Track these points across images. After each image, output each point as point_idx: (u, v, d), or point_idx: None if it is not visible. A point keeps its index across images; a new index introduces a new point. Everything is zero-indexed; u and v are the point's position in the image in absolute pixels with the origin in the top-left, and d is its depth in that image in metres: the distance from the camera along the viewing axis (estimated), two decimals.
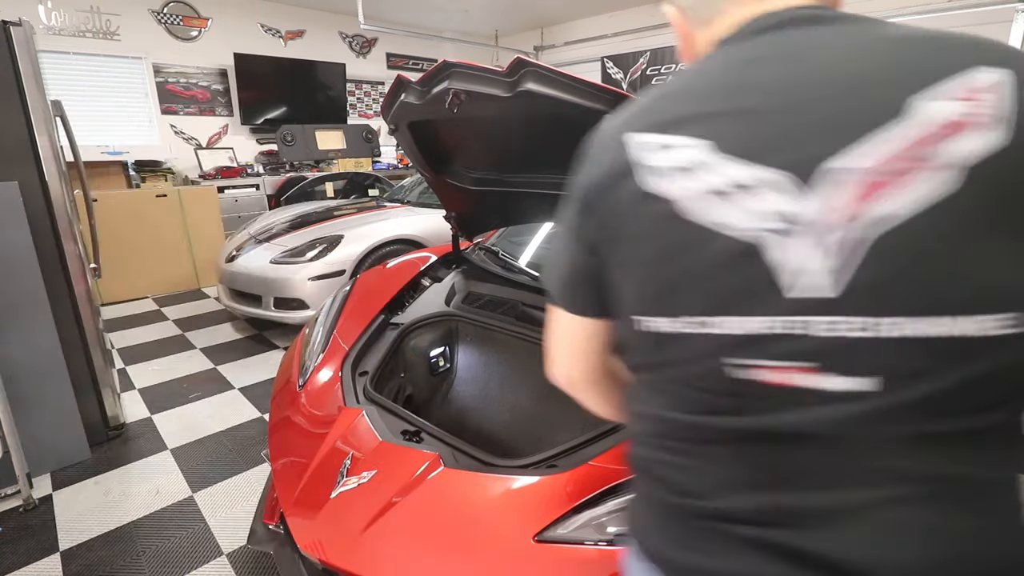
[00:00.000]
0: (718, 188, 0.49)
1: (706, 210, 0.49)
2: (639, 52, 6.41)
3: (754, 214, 0.47)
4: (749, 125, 0.49)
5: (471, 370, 1.87)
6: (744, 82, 0.51)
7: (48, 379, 2.21)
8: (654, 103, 0.57)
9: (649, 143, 0.53)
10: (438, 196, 2.07)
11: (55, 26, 4.84)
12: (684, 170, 0.50)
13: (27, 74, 2.08)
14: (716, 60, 0.56)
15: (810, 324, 0.46)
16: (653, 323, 0.55)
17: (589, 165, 0.60)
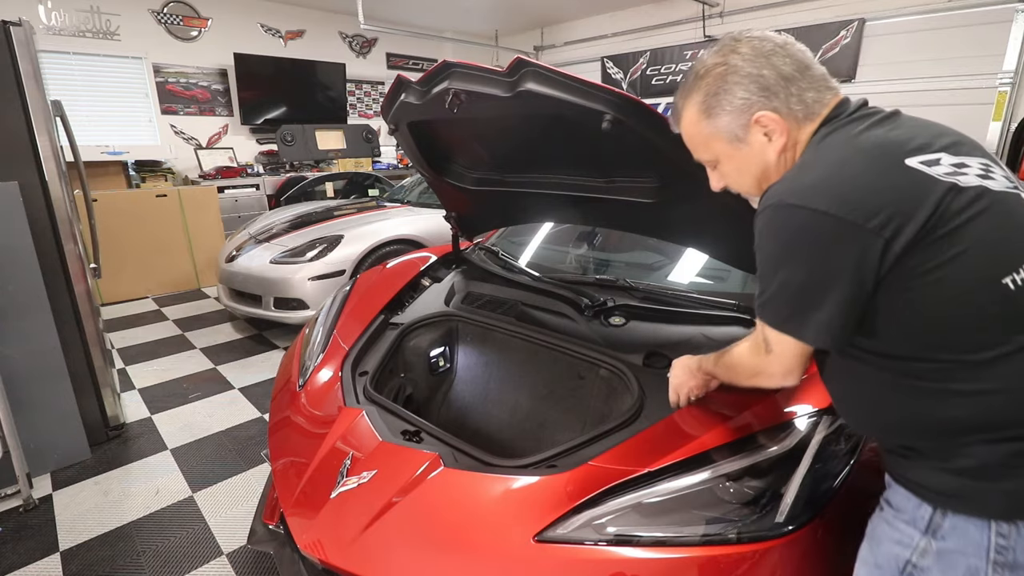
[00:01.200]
0: (981, 173, 0.74)
1: (991, 184, 0.74)
2: (639, 52, 6.41)
3: (1005, 181, 0.75)
4: (950, 140, 0.79)
5: (471, 370, 1.87)
6: (901, 126, 0.79)
7: (48, 379, 2.21)
8: (885, 145, 0.76)
9: (927, 161, 0.73)
10: (438, 196, 2.07)
11: (55, 26, 4.84)
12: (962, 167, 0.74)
13: (27, 74, 2.08)
14: (864, 130, 0.78)
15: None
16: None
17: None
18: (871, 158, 0.73)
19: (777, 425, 1.11)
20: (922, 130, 0.78)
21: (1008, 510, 0.71)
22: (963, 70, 4.28)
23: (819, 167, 0.76)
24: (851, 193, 0.71)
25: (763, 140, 0.83)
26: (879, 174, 0.72)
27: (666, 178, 1.37)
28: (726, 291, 1.79)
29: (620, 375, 1.42)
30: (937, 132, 0.79)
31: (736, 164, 0.88)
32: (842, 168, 0.74)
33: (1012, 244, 0.72)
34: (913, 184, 0.70)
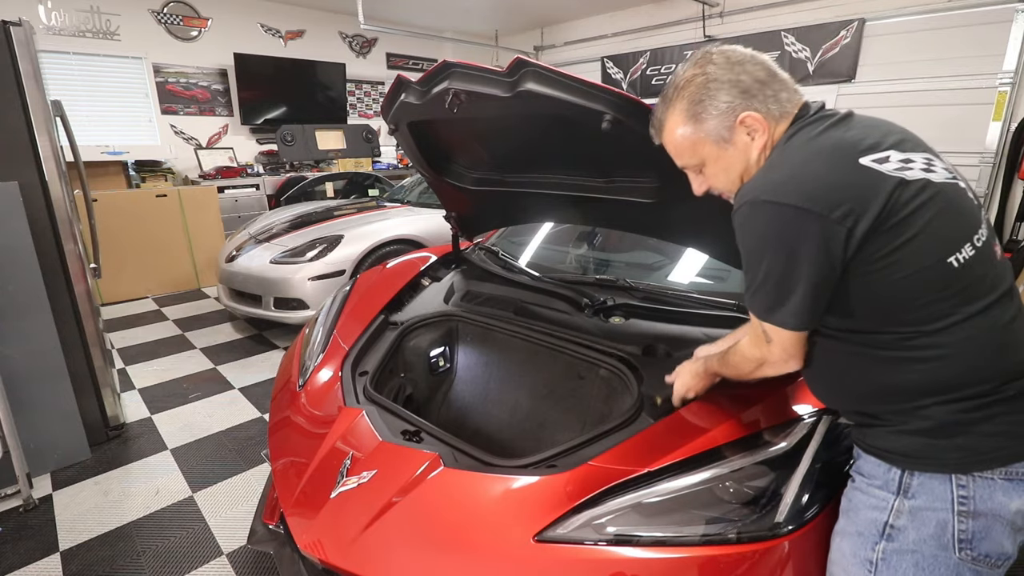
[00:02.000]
0: (918, 165, 0.83)
1: (931, 176, 0.83)
2: (639, 52, 6.41)
3: (941, 172, 0.84)
4: (898, 138, 0.88)
5: (471, 370, 1.87)
6: (868, 127, 0.89)
7: (48, 379, 2.21)
8: (840, 143, 0.85)
9: (879, 159, 0.82)
10: (438, 196, 2.07)
11: (55, 26, 4.84)
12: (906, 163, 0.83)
13: (27, 74, 2.08)
14: (831, 124, 0.88)
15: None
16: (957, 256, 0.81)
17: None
18: (830, 158, 0.83)
19: (777, 425, 1.11)
20: (873, 130, 0.87)
21: (963, 463, 0.80)
22: (963, 70, 4.28)
23: (785, 167, 0.85)
24: (815, 190, 0.80)
25: (747, 139, 0.91)
26: (838, 172, 0.81)
27: (666, 178, 1.37)
28: (726, 291, 1.79)
29: (620, 375, 1.42)
30: (886, 131, 0.88)
31: (723, 164, 0.95)
32: (805, 167, 0.83)
33: (953, 228, 0.81)
34: (867, 180, 0.79)
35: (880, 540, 0.86)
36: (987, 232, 0.86)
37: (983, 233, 0.84)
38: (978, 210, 0.87)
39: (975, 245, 0.82)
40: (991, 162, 4.22)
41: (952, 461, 0.81)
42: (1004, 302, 0.82)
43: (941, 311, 0.80)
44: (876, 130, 0.87)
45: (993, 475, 0.80)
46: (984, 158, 4.24)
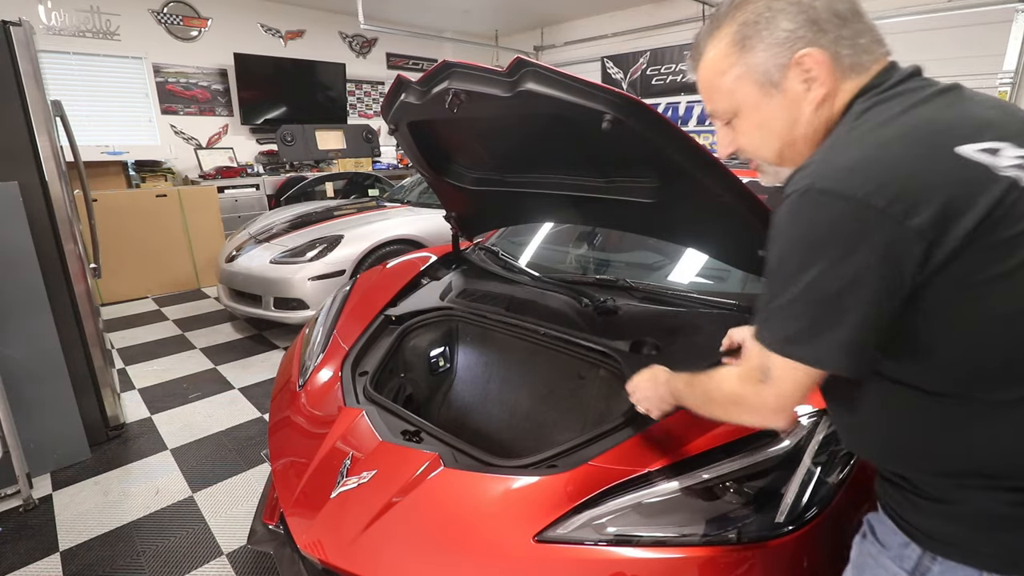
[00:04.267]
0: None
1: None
2: (639, 52, 6.41)
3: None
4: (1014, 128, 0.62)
5: (471, 370, 1.87)
6: (974, 108, 0.64)
7: (48, 379, 2.21)
8: (938, 125, 0.62)
9: (983, 149, 0.59)
10: (438, 196, 2.07)
11: (55, 26, 4.84)
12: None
13: (27, 74, 2.08)
14: (914, 105, 0.64)
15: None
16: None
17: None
18: (918, 142, 0.60)
19: None
20: (985, 111, 0.64)
21: (1003, 563, 0.64)
22: (963, 70, 4.28)
23: (854, 147, 0.62)
24: (892, 182, 0.58)
25: (800, 88, 0.69)
26: (925, 161, 0.59)
27: (666, 178, 1.37)
28: (726, 291, 1.79)
29: (620, 375, 1.42)
30: (1006, 114, 0.64)
31: (760, 118, 0.73)
32: (882, 151, 0.60)
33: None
34: (965, 175, 0.57)
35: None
36: None
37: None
38: None
39: None
40: None
41: (990, 557, 0.64)
42: None
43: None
44: (990, 112, 0.63)
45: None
46: None
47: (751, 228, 1.29)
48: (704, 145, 1.17)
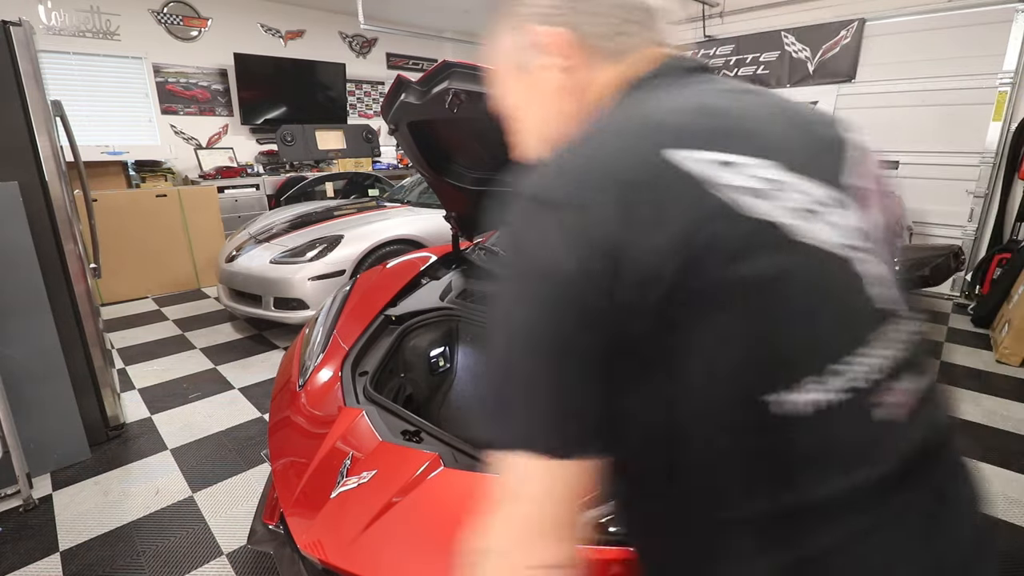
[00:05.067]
0: (803, 205, 0.44)
1: (808, 229, 0.43)
2: None
3: (838, 227, 0.45)
4: (785, 144, 0.46)
5: (471, 370, 1.87)
6: (743, 110, 0.48)
7: (48, 379, 2.21)
8: (654, 123, 0.46)
9: (718, 161, 0.43)
10: (438, 196, 2.07)
11: (55, 26, 4.84)
12: (772, 188, 0.43)
13: (27, 74, 2.08)
14: (683, 89, 0.51)
15: (897, 338, 0.46)
16: (797, 396, 0.41)
17: (616, 223, 0.40)
18: (627, 139, 0.45)
19: None
20: (735, 104, 0.49)
21: None
22: (963, 70, 4.28)
23: (584, 145, 0.47)
24: (583, 192, 0.42)
25: (548, 75, 0.56)
26: (629, 167, 0.42)
27: None
28: None
29: None
30: (764, 113, 0.49)
31: (523, 112, 0.61)
32: (598, 147, 0.45)
33: (798, 340, 0.42)
34: (674, 191, 0.41)
35: None
36: (905, 364, 0.46)
37: (885, 362, 0.45)
38: (885, 319, 0.46)
39: (848, 386, 0.43)
40: (991, 162, 4.22)
41: None
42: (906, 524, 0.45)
43: (738, 492, 0.44)
44: (741, 110, 0.48)
45: None
46: (984, 158, 4.24)
47: None
48: None
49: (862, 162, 0.50)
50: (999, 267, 4.04)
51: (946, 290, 4.61)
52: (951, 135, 4.38)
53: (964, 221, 4.47)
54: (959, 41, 4.28)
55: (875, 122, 4.75)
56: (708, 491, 0.44)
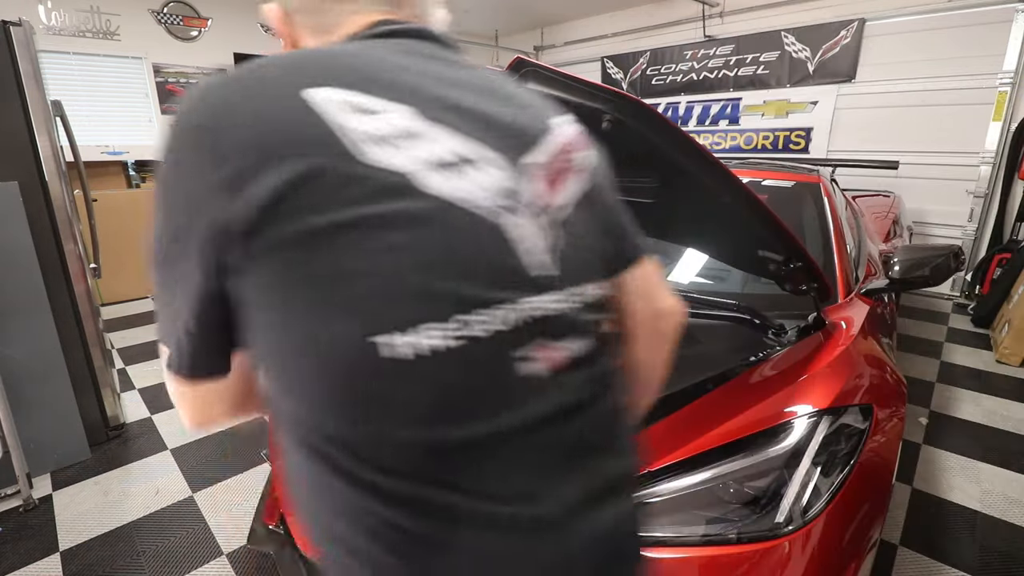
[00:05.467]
0: (444, 159, 0.46)
1: (444, 184, 0.45)
2: (639, 52, 6.41)
3: (488, 190, 0.47)
4: (448, 100, 0.49)
5: None
6: (423, 68, 0.51)
7: (48, 379, 2.21)
8: (305, 63, 0.48)
9: (348, 102, 0.44)
10: None
11: (55, 26, 4.84)
12: (405, 137, 0.45)
13: (27, 74, 2.08)
14: (370, 45, 0.53)
15: (550, 300, 0.49)
16: (411, 339, 0.42)
17: (223, 149, 0.42)
18: (268, 82, 0.46)
19: (777, 425, 1.11)
20: (414, 66, 0.50)
21: None
22: (963, 70, 4.28)
23: (232, 79, 0.49)
24: (218, 117, 0.45)
25: (278, 41, 0.62)
26: (261, 101, 0.45)
27: (666, 178, 1.37)
28: (726, 291, 1.79)
29: None
30: (430, 75, 0.50)
31: None
32: (239, 85, 0.47)
33: (416, 286, 0.43)
34: (295, 123, 0.43)
35: None
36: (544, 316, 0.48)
37: (527, 320, 0.47)
38: (534, 278, 0.48)
39: (475, 335, 0.44)
40: (991, 162, 4.22)
41: None
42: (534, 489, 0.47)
43: (358, 433, 0.44)
44: (408, 68, 0.50)
45: None
46: (984, 158, 4.24)
47: (750, 228, 1.29)
48: (704, 145, 1.17)
49: (560, 146, 0.54)
50: (999, 267, 4.04)
51: (946, 290, 4.62)
52: (951, 135, 4.38)
53: (964, 221, 4.47)
54: (959, 41, 4.28)
55: (875, 122, 4.75)
56: (323, 422, 0.45)
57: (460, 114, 0.49)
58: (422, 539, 0.44)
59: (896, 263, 1.68)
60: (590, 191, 0.56)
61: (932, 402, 2.85)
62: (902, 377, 1.49)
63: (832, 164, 3.30)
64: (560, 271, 0.50)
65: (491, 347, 0.45)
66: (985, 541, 1.88)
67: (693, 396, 1.23)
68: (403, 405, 0.43)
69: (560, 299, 0.50)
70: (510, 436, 0.46)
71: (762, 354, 1.36)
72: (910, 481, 2.19)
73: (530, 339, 0.47)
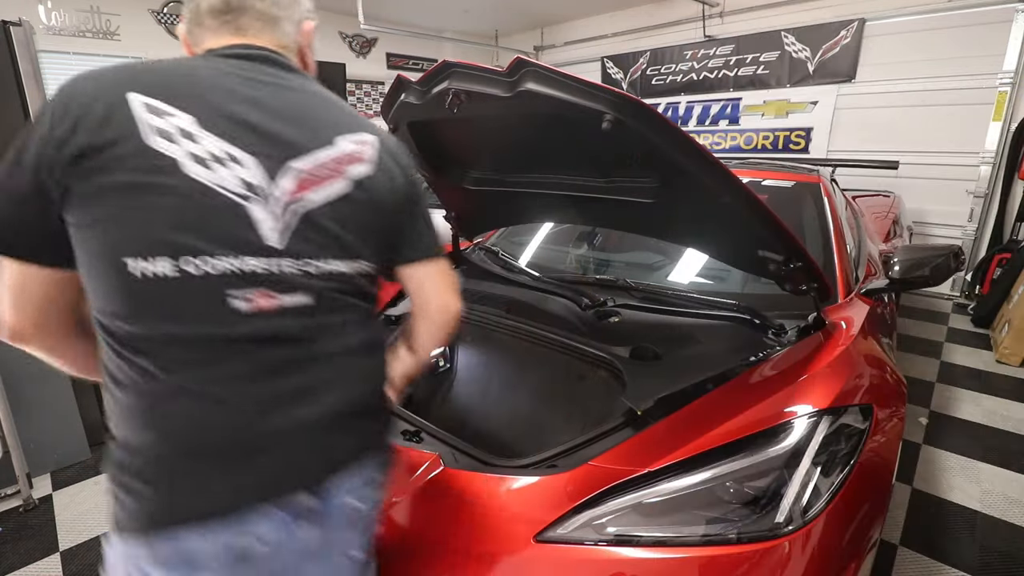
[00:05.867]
0: (207, 155, 0.68)
1: (203, 172, 0.68)
2: (639, 52, 6.41)
3: (237, 181, 0.69)
4: (230, 116, 0.70)
5: (471, 370, 1.87)
6: (229, 85, 0.73)
7: (48, 379, 2.21)
8: (143, 74, 0.71)
9: (150, 106, 0.67)
10: (438, 196, 2.07)
11: (55, 26, 4.84)
12: (182, 135, 0.67)
13: (27, 74, 2.08)
14: (202, 62, 0.76)
15: (272, 264, 0.71)
16: (150, 265, 0.66)
17: (69, 115, 0.66)
18: (110, 76, 0.71)
19: (777, 425, 1.11)
20: (222, 84, 0.72)
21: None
22: (963, 70, 4.28)
23: (91, 73, 0.74)
24: (71, 97, 0.69)
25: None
26: (105, 92, 0.68)
27: (666, 178, 1.37)
28: (726, 291, 1.80)
29: (620, 376, 1.42)
30: (240, 97, 0.73)
31: None
32: (87, 78, 0.72)
33: (158, 232, 0.66)
34: (116, 116, 0.66)
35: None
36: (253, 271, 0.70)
37: (243, 270, 0.69)
38: (253, 249, 0.70)
39: (197, 272, 0.67)
40: (991, 162, 4.22)
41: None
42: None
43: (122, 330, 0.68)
44: (219, 85, 0.72)
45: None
46: (984, 158, 4.24)
47: (750, 228, 1.29)
48: (704, 145, 1.17)
49: (331, 159, 0.76)
50: (999, 267, 4.04)
51: (946, 290, 4.62)
52: (951, 135, 4.38)
53: (964, 221, 4.48)
54: (959, 41, 4.29)
55: (875, 122, 4.75)
56: (99, 307, 0.69)
57: (235, 124, 0.70)
58: (135, 386, 0.69)
59: (896, 263, 1.68)
60: (351, 195, 0.77)
61: (932, 402, 2.86)
62: (902, 377, 1.49)
63: (832, 164, 3.30)
64: (285, 247, 0.72)
65: (204, 282, 0.67)
66: (985, 541, 1.88)
67: (693, 396, 1.23)
68: (140, 304, 0.67)
69: (281, 265, 0.71)
70: (214, 341, 0.69)
71: (762, 354, 1.36)
72: (910, 481, 2.19)
73: (246, 285, 0.69)
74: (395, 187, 0.82)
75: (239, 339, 0.70)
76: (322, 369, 0.77)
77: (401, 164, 0.84)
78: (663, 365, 1.38)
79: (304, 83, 0.82)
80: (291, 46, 0.88)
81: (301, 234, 0.72)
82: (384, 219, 0.81)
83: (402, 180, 0.83)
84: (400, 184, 0.83)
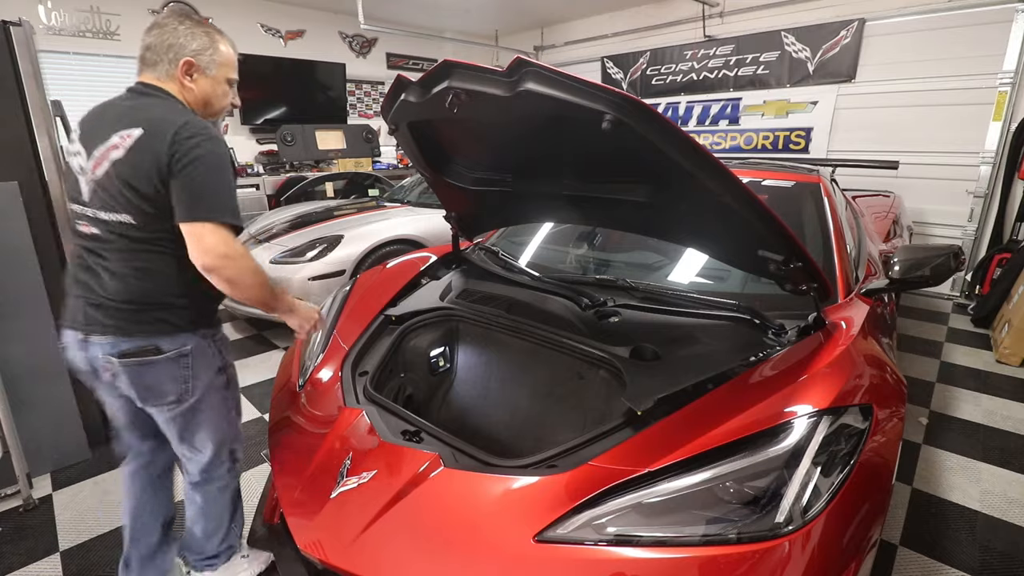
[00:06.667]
0: (76, 154, 1.29)
1: (74, 162, 1.30)
2: (639, 52, 6.41)
3: (80, 165, 1.27)
4: (90, 130, 1.29)
5: (471, 370, 1.87)
6: (107, 112, 1.30)
7: (48, 379, 2.21)
8: (84, 118, 1.35)
9: (73, 135, 1.33)
10: (438, 196, 2.07)
11: (55, 26, 4.84)
12: (74, 152, 1.30)
13: (27, 74, 2.08)
14: (119, 96, 1.34)
15: (87, 210, 1.27)
16: (75, 207, 1.31)
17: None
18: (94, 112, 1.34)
19: (777, 425, 1.11)
20: (106, 111, 1.30)
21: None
22: (963, 70, 4.28)
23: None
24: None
25: None
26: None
27: (666, 178, 1.37)
28: (726, 291, 1.80)
29: (620, 376, 1.42)
30: (108, 114, 1.29)
31: None
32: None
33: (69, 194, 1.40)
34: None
35: None
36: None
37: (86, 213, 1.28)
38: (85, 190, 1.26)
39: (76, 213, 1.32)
40: (991, 162, 4.22)
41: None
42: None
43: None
44: (105, 112, 1.30)
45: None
46: (984, 158, 4.24)
47: (750, 228, 1.29)
48: (704, 145, 1.17)
49: (106, 147, 1.22)
50: (999, 267, 4.04)
51: (946, 290, 4.62)
52: (951, 135, 4.38)
53: (964, 221, 4.48)
54: (959, 41, 4.29)
55: (875, 122, 4.75)
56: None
57: (90, 135, 1.26)
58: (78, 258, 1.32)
59: (896, 263, 1.68)
60: (113, 170, 1.20)
61: (932, 402, 2.86)
62: (902, 377, 1.49)
63: (832, 164, 3.30)
64: (88, 201, 1.26)
65: (74, 215, 1.31)
66: (985, 541, 1.88)
67: (693, 396, 1.23)
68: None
69: (86, 211, 1.27)
70: (77, 245, 1.32)
71: (762, 354, 1.36)
72: (910, 481, 2.19)
73: (78, 219, 1.29)
74: (147, 167, 1.18)
75: (80, 245, 1.30)
76: (108, 271, 1.26)
77: (159, 151, 1.18)
78: (663, 365, 1.38)
79: (149, 101, 1.26)
80: (167, 79, 1.31)
81: (96, 195, 1.24)
82: (142, 188, 1.19)
83: (164, 161, 1.18)
84: (161, 164, 1.18)
